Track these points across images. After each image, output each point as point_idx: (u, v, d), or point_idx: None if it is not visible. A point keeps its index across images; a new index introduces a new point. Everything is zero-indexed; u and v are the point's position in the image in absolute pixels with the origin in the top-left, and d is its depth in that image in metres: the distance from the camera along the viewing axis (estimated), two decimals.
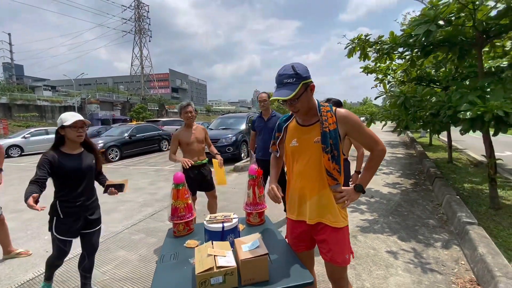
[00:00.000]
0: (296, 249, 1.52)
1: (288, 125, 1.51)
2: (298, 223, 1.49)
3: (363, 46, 4.55)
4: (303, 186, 1.42)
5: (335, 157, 1.33)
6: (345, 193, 1.41)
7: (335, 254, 1.39)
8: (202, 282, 1.17)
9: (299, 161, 1.42)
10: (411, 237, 3.06)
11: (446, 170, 5.93)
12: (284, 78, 1.28)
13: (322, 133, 1.33)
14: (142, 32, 48.56)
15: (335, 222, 1.38)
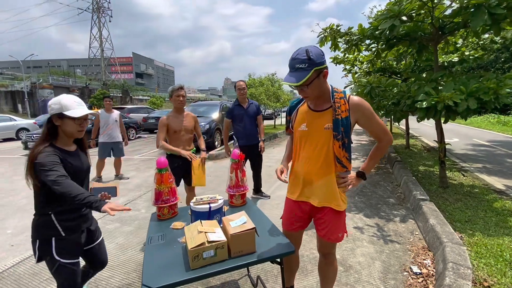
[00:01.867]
0: (290, 228, 1.56)
1: (299, 108, 1.50)
2: (298, 204, 1.52)
3: (334, 36, 4.76)
4: (309, 170, 1.44)
5: (345, 145, 1.35)
6: (349, 179, 1.44)
7: (331, 232, 1.47)
8: (195, 256, 1.25)
9: (307, 145, 1.44)
10: (375, 214, 3.40)
11: (404, 155, 6.54)
12: (296, 63, 1.25)
13: (334, 120, 1.33)
14: (101, 11, 44.47)
15: (337, 206, 1.44)
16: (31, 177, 1.34)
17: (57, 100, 1.40)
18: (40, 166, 1.28)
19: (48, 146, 1.37)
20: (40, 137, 1.40)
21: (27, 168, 1.34)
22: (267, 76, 11.45)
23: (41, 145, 1.36)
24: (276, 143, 9.83)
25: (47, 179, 1.27)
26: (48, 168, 1.29)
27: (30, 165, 1.33)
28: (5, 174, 6.00)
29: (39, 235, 1.38)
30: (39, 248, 1.38)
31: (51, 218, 1.39)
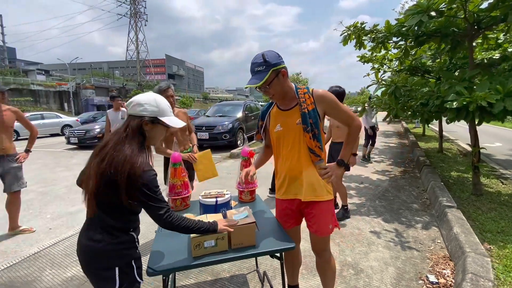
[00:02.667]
0: (286, 226, 1.63)
1: (270, 112, 1.59)
2: (287, 202, 1.60)
3: (359, 34, 4.61)
4: (290, 167, 1.52)
5: (316, 135, 1.43)
6: (329, 169, 1.51)
7: (320, 225, 1.52)
8: (196, 245, 1.32)
9: (285, 144, 1.52)
10: (395, 219, 3.26)
11: (435, 159, 6.13)
12: (255, 67, 1.36)
13: (301, 114, 1.42)
14: (137, 16, 47.33)
15: (320, 196, 1.51)
16: (125, 194, 1.05)
17: (153, 100, 1.16)
18: (149, 190, 1.07)
19: (145, 160, 1.10)
20: (132, 145, 1.09)
21: (121, 180, 1.03)
22: (292, 76, 11.35)
23: (139, 157, 1.08)
24: None
25: (156, 211, 1.10)
26: (158, 197, 1.10)
27: (127, 181, 1.03)
28: (49, 165, 6.68)
29: (120, 260, 1.12)
30: (120, 277, 1.11)
31: (133, 236, 1.18)
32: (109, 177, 1.04)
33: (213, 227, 1.29)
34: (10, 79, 28.92)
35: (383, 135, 11.52)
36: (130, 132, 1.12)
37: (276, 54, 1.39)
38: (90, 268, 1.12)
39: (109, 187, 1.05)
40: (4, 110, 2.78)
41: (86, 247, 1.11)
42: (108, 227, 1.10)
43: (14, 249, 2.73)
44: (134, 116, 1.15)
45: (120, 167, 1.03)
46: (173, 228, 1.17)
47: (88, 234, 1.11)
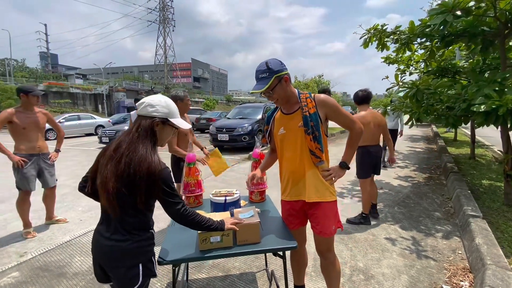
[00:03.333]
0: (291, 227, 1.67)
1: (275, 116, 1.66)
2: (291, 203, 1.65)
3: (380, 37, 4.51)
4: (294, 169, 1.58)
5: (317, 137, 1.48)
6: (332, 171, 1.59)
7: (324, 226, 1.56)
8: (203, 239, 1.42)
9: (288, 146, 1.58)
10: (413, 227, 3.14)
11: (466, 166, 5.76)
12: (259, 74, 1.45)
13: (303, 117, 1.48)
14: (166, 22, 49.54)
15: (323, 197, 1.55)
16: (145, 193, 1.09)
17: (164, 102, 1.20)
18: (167, 187, 1.13)
19: (160, 158, 1.15)
20: (145, 145, 1.12)
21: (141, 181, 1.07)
22: (313, 78, 11.24)
23: (155, 155, 1.12)
24: None
25: (175, 205, 1.16)
26: (176, 192, 1.17)
27: (147, 180, 1.08)
28: (82, 162, 7.24)
29: (143, 257, 1.17)
30: (143, 273, 1.16)
31: (152, 233, 1.25)
32: (128, 178, 1.07)
33: (221, 226, 1.38)
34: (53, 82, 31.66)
35: (409, 139, 11.00)
36: (142, 132, 1.14)
37: (279, 62, 1.48)
38: (115, 268, 1.15)
39: (128, 188, 1.08)
40: (37, 112, 3.02)
41: (111, 247, 1.13)
42: (130, 227, 1.14)
43: (50, 236, 3.04)
44: (146, 116, 1.18)
45: (138, 167, 1.07)
46: (187, 222, 1.24)
47: (110, 235, 1.14)
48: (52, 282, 2.20)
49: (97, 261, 1.20)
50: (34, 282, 2.20)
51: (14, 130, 2.85)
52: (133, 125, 1.19)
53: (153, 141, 1.18)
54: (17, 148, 2.90)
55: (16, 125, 2.82)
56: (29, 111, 2.94)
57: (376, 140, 3.20)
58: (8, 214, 3.63)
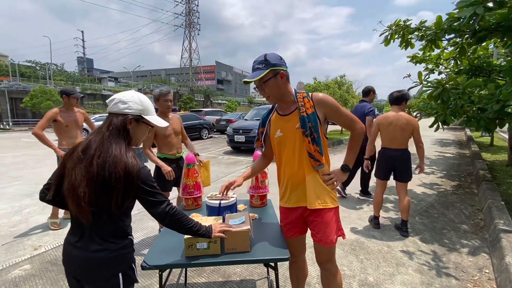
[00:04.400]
0: (290, 235, 1.57)
1: (270, 118, 1.57)
2: (290, 210, 1.54)
3: (403, 33, 4.22)
4: (292, 173, 1.48)
5: (315, 139, 1.38)
6: (333, 175, 1.48)
7: (324, 234, 1.44)
8: (189, 245, 1.36)
9: (285, 149, 1.48)
10: (435, 239, 2.86)
11: (502, 174, 5.21)
12: (256, 64, 1.39)
13: (300, 118, 1.38)
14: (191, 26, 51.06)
15: (324, 203, 1.43)
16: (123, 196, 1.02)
17: (138, 98, 1.13)
18: (148, 187, 1.07)
19: (136, 158, 1.08)
20: (118, 144, 1.04)
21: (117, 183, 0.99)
22: (334, 79, 10.87)
23: (130, 155, 1.05)
24: (338, 150, 9.26)
25: (158, 204, 1.11)
26: (158, 191, 1.11)
27: (125, 181, 1.00)
28: None
29: (123, 266, 1.10)
30: (124, 281, 1.09)
31: (131, 240, 1.15)
32: (102, 181, 0.99)
33: (208, 234, 1.31)
34: (88, 85, 33.97)
35: (439, 143, 10.24)
36: (114, 130, 1.06)
37: (278, 56, 1.41)
38: (93, 280, 1.07)
39: (102, 192, 1.00)
40: (76, 112, 3.33)
41: (87, 259, 1.04)
42: (106, 235, 1.06)
43: (64, 232, 3.16)
44: (117, 114, 1.09)
45: (113, 168, 0.99)
46: (172, 222, 1.16)
47: (84, 245, 1.05)
48: (58, 277, 2.27)
49: (71, 274, 1.10)
50: (42, 276, 2.29)
51: (58, 127, 3.15)
52: (103, 123, 1.10)
53: (127, 140, 1.08)
54: (60, 144, 3.20)
55: (59, 123, 3.13)
56: (70, 111, 3.25)
57: (396, 144, 2.95)
58: (31, 208, 3.87)
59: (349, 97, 10.01)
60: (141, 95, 1.16)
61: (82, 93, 3.98)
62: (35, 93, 22.27)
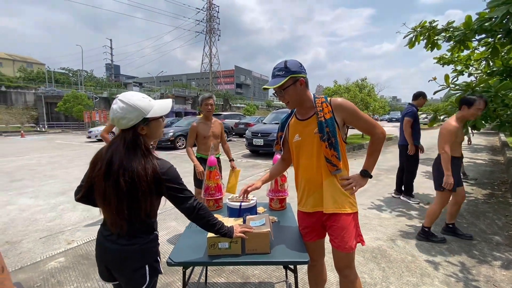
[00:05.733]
0: (308, 239, 1.58)
1: (289, 122, 1.59)
2: (307, 214, 1.55)
3: (428, 35, 4.08)
4: (310, 177, 1.49)
5: (333, 144, 1.38)
6: (352, 180, 1.48)
7: (342, 240, 1.43)
8: (212, 244, 1.41)
9: (303, 154, 1.50)
10: (464, 250, 2.71)
11: None
12: (276, 71, 1.42)
13: (318, 123, 1.40)
14: (212, 32, 52.31)
15: (342, 208, 1.43)
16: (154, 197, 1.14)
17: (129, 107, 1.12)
18: (176, 184, 1.15)
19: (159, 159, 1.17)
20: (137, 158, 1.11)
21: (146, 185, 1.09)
22: (355, 82, 10.64)
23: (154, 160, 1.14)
24: (358, 155, 9.02)
25: (186, 200, 1.18)
26: (185, 187, 1.18)
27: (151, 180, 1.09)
28: None
29: (150, 258, 1.19)
30: (150, 273, 1.18)
31: (157, 235, 1.24)
32: (131, 197, 1.09)
33: (230, 234, 1.36)
34: (114, 90, 35.84)
35: (469, 149, 9.65)
36: (129, 145, 1.11)
37: (298, 63, 1.43)
38: (123, 270, 1.17)
39: (134, 205, 1.10)
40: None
41: (117, 251, 1.15)
42: (135, 232, 1.16)
43: (96, 228, 3.37)
44: (127, 130, 1.12)
45: (139, 184, 1.07)
46: (198, 217, 1.23)
47: (115, 239, 1.15)
48: (90, 270, 2.42)
49: (102, 262, 1.21)
50: (75, 268, 2.45)
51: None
52: (119, 139, 1.14)
53: (144, 149, 1.13)
54: None
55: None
56: None
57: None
58: (65, 205, 4.15)
59: (371, 100, 9.73)
60: (130, 99, 1.11)
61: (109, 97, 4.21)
62: (68, 98, 23.86)
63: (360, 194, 4.66)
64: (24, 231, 3.24)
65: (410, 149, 4.06)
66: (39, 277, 2.32)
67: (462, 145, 2.95)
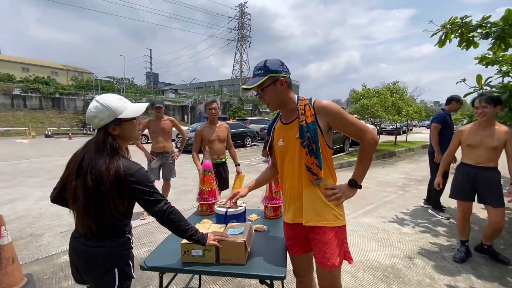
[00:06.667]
0: (293, 252, 1.48)
1: (275, 126, 1.50)
2: (290, 226, 1.44)
3: (462, 32, 3.68)
4: (292, 186, 1.39)
5: (313, 151, 1.27)
6: (338, 190, 1.34)
7: (323, 256, 1.29)
8: (185, 251, 1.37)
9: (286, 160, 1.40)
10: (496, 277, 2.33)
11: None
12: (255, 70, 1.34)
13: (299, 127, 1.29)
14: (243, 39, 53.55)
15: (325, 221, 1.30)
16: (117, 198, 1.10)
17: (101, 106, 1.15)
18: (143, 186, 1.13)
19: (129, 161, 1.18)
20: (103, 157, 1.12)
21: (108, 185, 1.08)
22: (386, 86, 9.97)
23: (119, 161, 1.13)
24: (388, 163, 8.40)
25: (155, 203, 1.16)
26: (155, 190, 1.17)
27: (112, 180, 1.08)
28: None
29: (119, 262, 1.18)
30: (119, 277, 1.17)
31: (129, 238, 1.23)
32: (97, 195, 1.09)
33: (202, 241, 1.30)
34: (152, 97, 38.31)
35: None
36: (100, 145, 1.14)
37: (279, 62, 1.35)
38: (91, 272, 1.17)
39: (100, 205, 1.10)
40: (164, 120, 3.83)
41: (86, 253, 1.15)
42: (104, 234, 1.15)
43: None
44: (99, 130, 1.16)
45: (102, 182, 1.08)
46: (168, 221, 1.20)
47: (85, 242, 1.16)
48: None
49: (73, 264, 1.22)
50: None
51: (149, 134, 3.85)
52: (92, 139, 1.19)
53: (112, 147, 1.14)
54: (152, 147, 3.89)
55: (149, 131, 3.84)
56: (158, 119, 3.84)
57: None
58: None
59: (403, 105, 9.02)
60: (103, 100, 1.15)
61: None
62: None
63: (382, 206, 4.31)
64: (49, 225, 3.52)
65: (436, 157, 3.70)
66: (50, 269, 2.49)
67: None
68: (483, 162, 2.46)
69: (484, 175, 2.46)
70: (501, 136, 2.35)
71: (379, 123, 9.88)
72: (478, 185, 2.50)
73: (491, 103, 2.33)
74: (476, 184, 2.51)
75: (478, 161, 2.48)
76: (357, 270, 2.47)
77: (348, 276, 2.37)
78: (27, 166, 7.89)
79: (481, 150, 2.45)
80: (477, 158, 2.49)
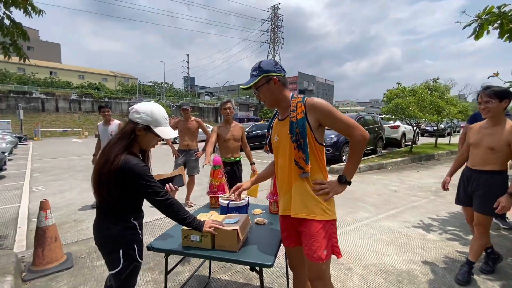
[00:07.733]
0: (287, 244, 1.54)
1: (273, 123, 1.58)
2: (283, 218, 1.51)
3: (502, 22, 3.34)
4: (283, 179, 1.46)
5: (301, 146, 1.33)
6: (327, 185, 1.38)
7: (310, 248, 1.34)
8: (185, 236, 1.52)
9: (279, 154, 1.47)
10: None
11: None
12: (251, 71, 1.44)
13: (290, 123, 1.36)
14: (275, 41, 53.65)
15: (312, 214, 1.35)
16: (114, 185, 1.26)
17: (149, 111, 1.34)
18: (142, 180, 1.26)
19: (131, 155, 1.30)
20: (120, 145, 1.30)
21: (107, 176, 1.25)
22: (424, 83, 9.22)
23: (123, 153, 1.28)
24: (424, 166, 7.80)
25: (154, 195, 1.30)
26: (154, 183, 1.30)
27: (113, 173, 1.24)
28: None
29: (123, 244, 1.33)
30: (124, 257, 1.33)
31: (135, 224, 1.38)
32: (101, 174, 1.28)
33: (199, 228, 1.44)
34: (189, 99, 40.38)
35: None
36: (124, 134, 1.33)
37: (273, 63, 1.44)
38: (101, 249, 1.38)
39: (100, 182, 1.28)
40: (191, 120, 4.17)
41: (97, 232, 1.37)
42: (111, 217, 1.33)
43: None
44: (132, 121, 1.35)
45: (108, 163, 1.26)
46: (169, 212, 1.35)
47: (98, 222, 1.37)
48: None
49: (95, 241, 1.41)
50: None
51: (178, 132, 4.09)
52: (123, 126, 1.39)
53: (130, 143, 1.32)
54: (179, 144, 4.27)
55: (178, 130, 4.14)
56: (186, 120, 4.20)
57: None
58: None
59: (443, 104, 8.27)
60: (155, 108, 1.36)
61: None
62: None
63: (408, 211, 4.07)
64: (90, 213, 4.00)
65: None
66: (86, 250, 2.85)
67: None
68: (478, 165, 2.17)
69: (476, 179, 2.17)
70: (503, 136, 2.01)
71: (417, 123, 9.18)
72: (471, 190, 2.23)
73: (495, 97, 2.01)
74: (468, 188, 2.25)
75: (473, 162, 2.22)
76: (368, 273, 2.41)
77: (357, 278, 2.33)
78: (78, 162, 8.93)
79: (478, 150, 2.16)
80: (473, 160, 2.22)
